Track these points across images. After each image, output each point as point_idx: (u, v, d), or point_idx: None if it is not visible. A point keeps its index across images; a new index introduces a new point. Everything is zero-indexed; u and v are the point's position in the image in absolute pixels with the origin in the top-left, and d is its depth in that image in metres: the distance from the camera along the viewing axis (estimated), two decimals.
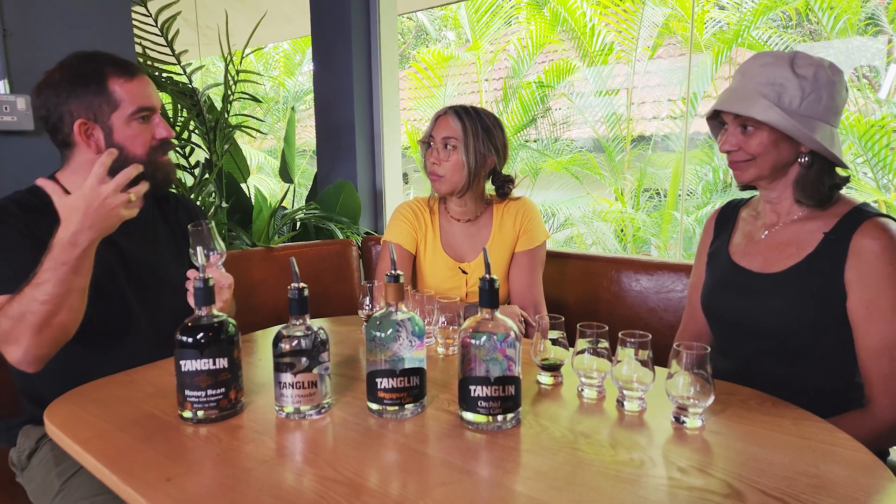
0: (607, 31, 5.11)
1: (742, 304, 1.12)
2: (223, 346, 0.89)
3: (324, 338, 0.91)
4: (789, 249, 1.08)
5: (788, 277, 1.06)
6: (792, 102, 1.02)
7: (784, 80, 1.02)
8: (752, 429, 0.84)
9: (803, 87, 1.02)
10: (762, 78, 1.04)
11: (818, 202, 1.06)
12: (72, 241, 0.97)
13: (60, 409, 0.95)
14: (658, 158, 5.12)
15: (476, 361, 0.85)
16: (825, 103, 1.03)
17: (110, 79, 1.11)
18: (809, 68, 1.02)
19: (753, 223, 1.19)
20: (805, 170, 1.06)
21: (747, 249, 1.16)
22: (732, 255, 1.18)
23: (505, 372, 0.84)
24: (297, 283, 0.91)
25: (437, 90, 6.56)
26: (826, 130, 1.03)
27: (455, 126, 1.52)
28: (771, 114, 1.01)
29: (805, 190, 1.07)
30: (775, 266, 1.09)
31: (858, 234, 1.01)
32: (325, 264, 2.18)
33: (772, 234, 1.13)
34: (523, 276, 1.62)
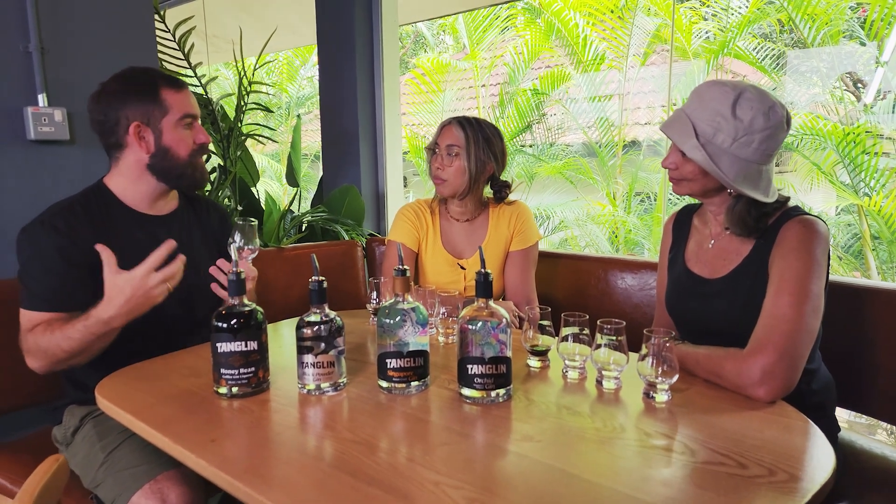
0: (599, 41, 5.25)
1: (696, 307, 1.23)
2: (253, 330, 1.01)
3: (340, 324, 1.03)
4: (731, 256, 1.19)
5: (729, 281, 1.17)
6: (724, 142, 1.09)
7: (721, 119, 1.09)
8: (711, 403, 0.96)
9: (737, 130, 1.08)
10: (705, 111, 1.11)
11: (746, 232, 1.14)
12: (107, 321, 1.09)
13: (108, 386, 1.07)
14: (649, 163, 5.25)
15: (473, 345, 0.97)
16: (755, 147, 1.08)
17: (162, 89, 1.25)
18: (748, 112, 1.07)
19: (703, 231, 1.28)
20: (734, 201, 1.15)
21: (698, 256, 1.27)
22: (687, 261, 1.28)
23: (498, 353, 0.96)
24: (317, 277, 1.03)
25: (435, 96, 6.68)
26: (753, 169, 1.10)
27: (458, 135, 1.65)
28: (697, 154, 1.10)
29: (733, 220, 1.15)
30: (720, 271, 1.20)
31: (783, 228, 1.10)
32: (331, 263, 2.29)
33: (717, 243, 1.23)
34: (517, 273, 1.74)
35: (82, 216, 1.23)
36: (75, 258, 1.19)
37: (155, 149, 1.26)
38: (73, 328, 1.12)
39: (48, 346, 1.14)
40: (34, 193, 1.65)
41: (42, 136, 1.63)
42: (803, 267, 1.04)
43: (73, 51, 1.72)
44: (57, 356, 1.14)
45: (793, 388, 0.97)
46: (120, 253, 1.25)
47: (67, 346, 1.13)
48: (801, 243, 1.07)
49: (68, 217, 1.21)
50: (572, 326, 1.07)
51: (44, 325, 1.16)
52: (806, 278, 1.03)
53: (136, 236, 1.29)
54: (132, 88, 1.24)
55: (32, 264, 1.19)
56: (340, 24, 2.87)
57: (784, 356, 0.96)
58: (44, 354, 1.15)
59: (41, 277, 1.19)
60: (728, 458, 0.78)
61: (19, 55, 1.62)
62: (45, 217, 1.21)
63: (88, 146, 1.75)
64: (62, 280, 1.19)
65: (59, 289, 1.19)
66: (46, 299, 1.18)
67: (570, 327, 1.08)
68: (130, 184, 1.30)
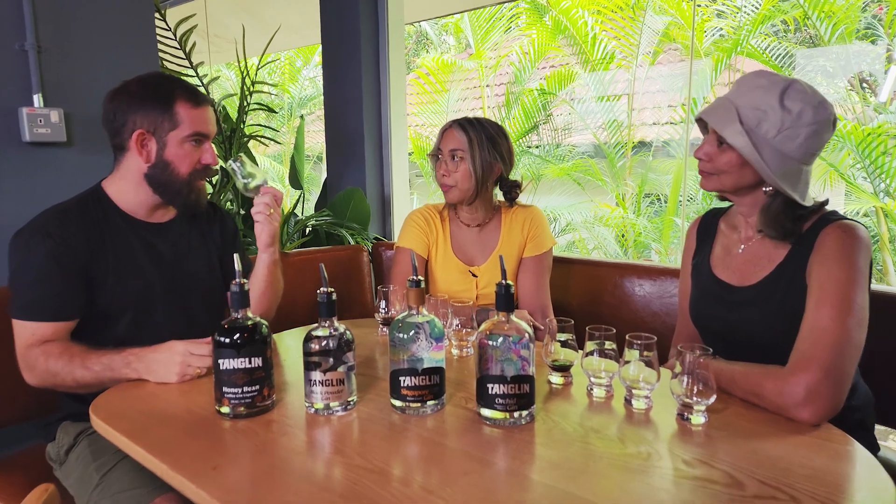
0: (608, 39, 5.18)
1: (723, 316, 1.16)
2: (258, 346, 0.95)
3: (350, 338, 0.97)
4: (762, 262, 1.12)
5: (761, 289, 1.10)
6: (768, 132, 1.03)
7: (768, 108, 1.03)
8: (752, 426, 0.90)
9: (783, 121, 1.02)
10: (751, 98, 1.06)
11: (781, 235, 1.07)
12: (131, 373, 1.09)
13: (104, 404, 1.01)
14: (659, 164, 5.18)
15: (492, 361, 0.91)
16: (801, 142, 1.02)
17: (178, 101, 1.20)
18: (797, 104, 1.02)
19: (731, 236, 1.22)
20: (769, 199, 1.08)
21: (726, 262, 1.20)
22: (713, 267, 1.22)
23: (519, 371, 0.90)
24: (325, 288, 0.97)
25: (440, 97, 6.63)
26: (794, 167, 1.04)
27: (461, 138, 1.59)
28: (739, 139, 1.03)
29: (767, 221, 1.08)
30: (750, 279, 1.13)
31: (822, 234, 1.03)
32: (337, 269, 2.23)
33: (747, 248, 1.16)
34: (531, 280, 1.68)
35: (78, 221, 1.18)
36: (70, 265, 1.15)
37: (155, 160, 1.21)
38: (95, 361, 1.10)
39: (60, 372, 1.11)
40: (29, 198, 1.60)
41: (38, 138, 1.58)
42: (845, 276, 0.98)
43: (71, 49, 1.67)
44: (65, 383, 1.12)
45: (839, 408, 0.90)
46: (114, 259, 1.21)
47: (81, 377, 1.11)
48: (841, 250, 1.01)
49: (63, 222, 1.16)
50: (597, 340, 1.01)
51: (59, 347, 1.13)
52: (849, 288, 0.97)
53: (131, 243, 1.24)
54: (147, 94, 1.19)
55: (25, 271, 1.14)
56: (345, 22, 2.82)
57: (829, 374, 0.90)
58: (52, 377, 1.12)
59: (34, 285, 1.14)
60: (780, 490, 0.72)
61: (14, 54, 1.57)
62: (39, 222, 1.16)
63: (86, 149, 1.70)
64: (56, 288, 1.14)
65: (53, 297, 1.14)
66: (40, 308, 1.14)
67: (594, 341, 1.01)
68: (129, 190, 1.25)
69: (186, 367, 1.09)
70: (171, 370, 1.08)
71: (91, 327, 1.21)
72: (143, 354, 1.10)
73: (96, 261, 1.18)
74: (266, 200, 1.28)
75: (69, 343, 1.15)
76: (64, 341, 1.15)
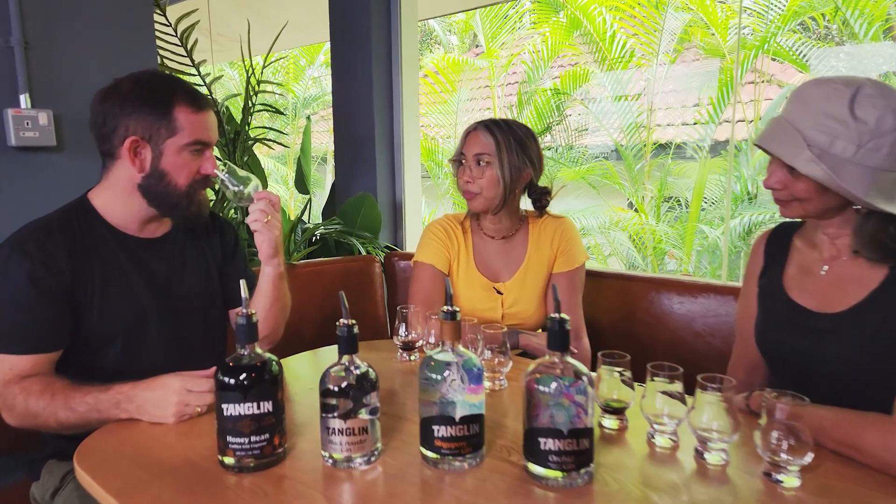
0: (627, 37, 5.06)
1: (799, 345, 1.04)
2: (267, 387, 0.83)
3: (374, 378, 0.86)
4: (851, 287, 1.00)
5: (850, 318, 0.98)
6: (846, 150, 0.91)
7: (837, 124, 0.91)
8: (855, 489, 0.77)
9: (861, 134, 0.90)
10: (814, 115, 0.93)
11: (882, 256, 0.96)
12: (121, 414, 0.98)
13: (90, 451, 0.90)
14: (679, 167, 5.05)
15: (543, 409, 0.79)
16: (887, 152, 0.90)
17: (177, 106, 1.08)
18: (872, 111, 0.90)
19: (810, 254, 1.09)
20: (863, 219, 0.96)
21: (804, 284, 1.07)
22: (788, 290, 1.09)
23: (573, 419, 0.78)
24: (346, 320, 0.85)
25: (449, 96, 6.52)
26: (886, 179, 0.92)
27: (487, 141, 1.48)
28: (813, 169, 0.92)
29: (864, 242, 0.97)
30: (835, 305, 1.01)
31: None
32: (348, 281, 2.12)
33: (832, 270, 1.04)
34: (562, 299, 1.56)
35: (59, 239, 1.06)
36: (51, 288, 1.04)
37: (150, 170, 1.10)
38: (80, 401, 0.98)
39: (41, 413, 1.00)
40: (14, 209, 1.50)
41: (24, 142, 1.48)
42: None
43: (61, 46, 1.57)
44: (48, 424, 1.01)
45: None
46: (101, 280, 1.09)
47: (65, 418, 0.99)
48: None
49: (42, 240, 1.05)
50: (660, 379, 0.89)
51: (40, 384, 1.01)
52: None
53: (120, 262, 1.13)
54: (143, 97, 1.08)
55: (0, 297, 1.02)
56: (356, 19, 2.73)
57: None
58: (32, 419, 1.01)
59: (10, 313, 1.03)
60: None
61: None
62: (15, 239, 1.05)
63: (77, 154, 1.59)
64: (36, 316, 1.03)
65: (32, 326, 1.03)
66: (17, 340, 1.03)
67: (658, 380, 0.89)
68: (118, 201, 1.13)
69: (184, 406, 0.97)
70: (166, 410, 0.97)
71: (76, 357, 1.10)
72: (134, 393, 0.98)
73: (81, 282, 1.07)
74: (262, 206, 1.16)
75: (51, 378, 1.03)
76: (45, 376, 1.03)
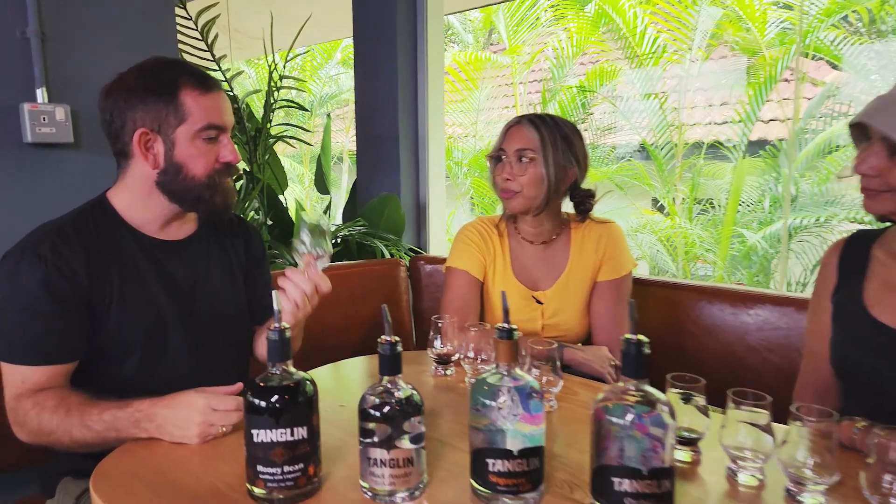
0: (658, 31, 4.92)
1: (884, 368, 0.95)
2: (302, 411, 0.76)
3: (419, 402, 0.77)
4: None
5: None
6: None
7: None
8: None
9: None
10: None
11: None
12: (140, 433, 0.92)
13: (108, 474, 0.83)
14: (710, 168, 4.91)
15: (613, 442, 0.70)
16: None
17: (183, 89, 1.01)
18: None
19: (894, 267, 1.00)
20: None
21: (889, 301, 0.98)
22: (869, 307, 0.99)
23: (648, 454, 0.69)
24: (389, 337, 0.77)
25: (469, 94, 6.44)
26: None
27: (531, 136, 1.39)
28: None
29: None
30: None
31: None
32: (372, 286, 2.04)
33: None
34: (608, 309, 1.47)
35: (75, 241, 1.00)
36: (66, 295, 0.97)
37: (164, 164, 1.03)
38: (97, 419, 0.92)
39: (55, 430, 0.94)
40: (30, 208, 1.45)
41: (41, 139, 1.43)
42: None
43: (80, 37, 1.52)
44: (62, 442, 0.95)
45: None
46: (120, 286, 1.03)
47: (81, 436, 0.93)
48: None
49: (57, 243, 0.98)
50: (743, 409, 0.79)
51: (55, 398, 0.95)
52: None
53: (140, 266, 1.06)
54: (146, 85, 1.01)
55: (12, 304, 0.97)
56: (380, 13, 2.67)
57: None
58: (46, 436, 0.95)
59: (23, 321, 0.96)
60: None
61: (15, 42, 1.43)
62: (28, 242, 0.98)
63: (96, 151, 1.54)
64: (50, 324, 0.97)
65: (46, 336, 0.97)
66: (30, 350, 0.96)
67: (740, 409, 0.79)
68: (137, 201, 1.07)
69: (208, 426, 0.90)
70: (189, 430, 0.90)
71: (92, 369, 1.03)
72: (155, 412, 0.91)
73: (98, 288, 1.01)
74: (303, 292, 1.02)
75: (66, 392, 0.97)
76: (60, 390, 0.97)
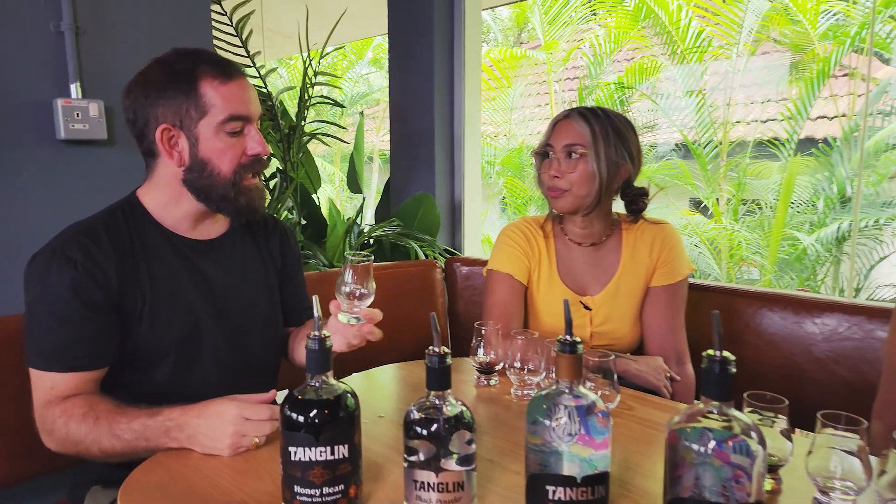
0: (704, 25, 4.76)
1: None
2: (343, 428, 0.70)
3: (469, 419, 0.71)
4: None
5: None
6: None
7: None
8: None
9: None
10: None
11: None
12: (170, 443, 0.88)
13: (137, 487, 0.79)
14: (755, 166, 4.72)
15: (684, 466, 0.63)
16: None
17: (203, 79, 0.96)
18: None
19: None
20: None
21: None
22: None
23: (727, 483, 0.61)
24: (437, 347, 0.71)
25: (503, 92, 6.37)
26: None
27: (582, 130, 1.32)
28: None
29: None
30: None
31: None
32: (406, 288, 1.99)
33: None
34: (662, 317, 1.38)
35: (105, 242, 0.97)
36: (95, 299, 0.94)
37: (190, 162, 0.98)
38: (126, 427, 0.88)
39: (83, 439, 0.90)
40: (63, 207, 1.44)
41: (74, 135, 1.42)
42: None
43: (115, 31, 1.50)
44: (90, 452, 0.91)
45: None
46: (152, 288, 0.99)
47: (110, 446, 0.89)
48: None
49: (86, 244, 0.95)
50: (834, 432, 0.71)
51: (83, 406, 0.91)
52: None
53: (173, 267, 1.03)
54: (164, 78, 0.97)
55: (40, 308, 0.94)
56: (417, 9, 2.63)
57: None
58: (74, 446, 0.92)
59: (52, 327, 0.93)
60: None
61: (49, 36, 1.41)
62: (58, 244, 0.95)
63: (129, 147, 1.48)
64: (79, 330, 0.93)
65: (75, 342, 0.94)
66: (59, 357, 0.93)
67: (828, 432, 0.71)
68: (167, 200, 1.03)
69: (240, 437, 0.86)
70: (221, 441, 0.86)
71: (123, 374, 1.00)
72: (185, 421, 0.87)
73: (129, 292, 0.97)
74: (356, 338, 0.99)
75: (95, 400, 0.93)
76: (89, 397, 0.94)
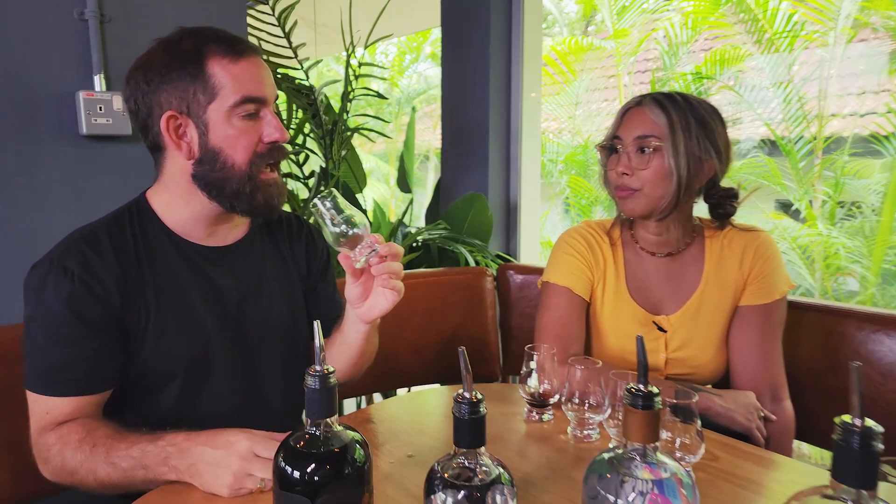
0: (795, 6, 4.39)
1: None
2: (349, 488, 0.58)
3: (508, 482, 0.57)
4: None
5: None
6: None
7: None
8: None
9: None
10: None
11: None
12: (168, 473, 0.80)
13: None
14: (856, 164, 4.30)
15: None
16: None
17: (210, 59, 0.87)
18: None
19: None
20: None
21: None
22: None
23: None
24: (467, 392, 0.57)
25: (567, 84, 6.16)
26: None
27: (657, 120, 1.14)
28: None
29: None
30: None
31: None
32: (452, 297, 1.86)
33: None
34: (753, 343, 1.19)
35: (107, 250, 0.89)
36: (93, 316, 0.86)
37: (200, 152, 0.89)
38: (124, 455, 0.80)
39: (78, 468, 0.83)
40: (85, 208, 1.41)
41: (97, 130, 1.39)
42: None
43: (142, 19, 1.48)
44: (86, 484, 0.84)
45: None
46: (158, 302, 0.90)
47: (106, 476, 0.82)
48: None
49: (85, 253, 0.87)
50: None
51: (80, 431, 0.84)
52: None
53: (182, 278, 0.94)
54: (168, 59, 0.88)
55: (36, 325, 0.87)
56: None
57: None
58: (68, 475, 0.85)
59: (48, 346, 0.86)
60: None
61: (72, 24, 1.38)
62: (56, 253, 0.88)
63: None
64: (75, 350, 0.86)
65: (72, 364, 0.86)
66: (54, 380, 0.86)
67: None
68: (177, 201, 0.94)
69: (244, 476, 0.76)
70: (221, 478, 0.76)
71: (125, 398, 0.93)
72: (189, 447, 0.78)
73: (133, 307, 0.89)
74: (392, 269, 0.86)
75: (94, 425, 0.85)
76: (87, 421, 0.86)
